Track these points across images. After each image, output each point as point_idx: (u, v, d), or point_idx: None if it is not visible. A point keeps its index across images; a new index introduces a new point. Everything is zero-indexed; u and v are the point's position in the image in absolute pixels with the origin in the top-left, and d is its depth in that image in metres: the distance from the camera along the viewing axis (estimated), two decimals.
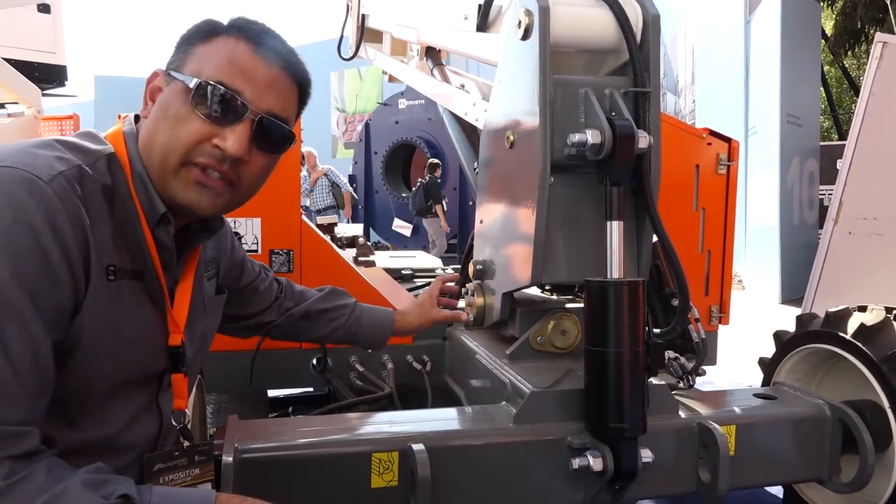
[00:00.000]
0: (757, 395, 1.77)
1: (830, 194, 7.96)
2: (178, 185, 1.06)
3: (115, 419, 1.05)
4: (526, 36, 1.55)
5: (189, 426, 1.20)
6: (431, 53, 2.76)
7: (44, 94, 6.15)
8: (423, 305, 1.86)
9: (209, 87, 1.02)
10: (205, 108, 1.03)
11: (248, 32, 1.07)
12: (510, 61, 1.67)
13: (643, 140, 1.44)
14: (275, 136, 1.10)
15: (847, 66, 15.88)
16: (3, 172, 0.89)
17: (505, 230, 1.75)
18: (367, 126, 9.38)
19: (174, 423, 1.17)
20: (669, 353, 1.65)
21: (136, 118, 1.12)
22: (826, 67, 13.28)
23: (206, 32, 1.07)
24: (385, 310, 1.82)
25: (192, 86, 1.02)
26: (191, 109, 1.03)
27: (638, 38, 1.56)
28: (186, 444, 1.19)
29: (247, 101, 1.05)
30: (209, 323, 1.32)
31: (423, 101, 8.46)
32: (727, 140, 2.54)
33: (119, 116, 1.15)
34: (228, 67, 1.04)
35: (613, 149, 1.42)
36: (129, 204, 1.04)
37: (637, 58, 1.53)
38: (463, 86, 2.45)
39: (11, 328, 0.86)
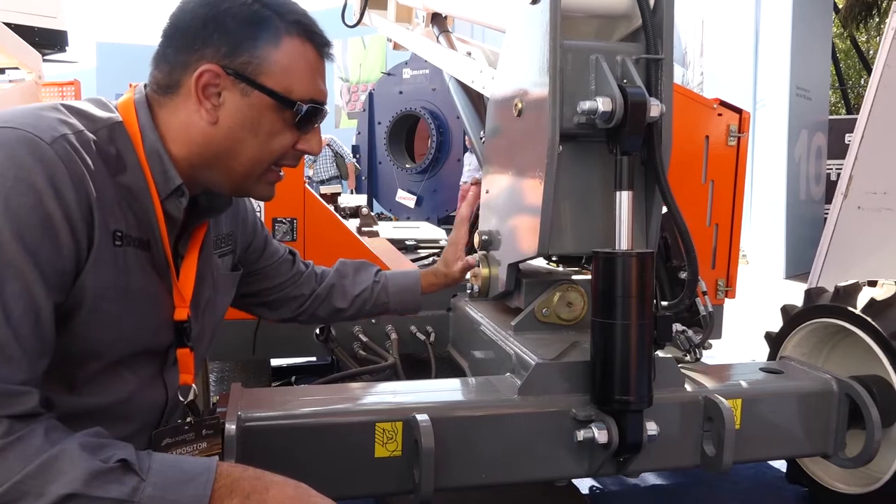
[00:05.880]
0: (763, 370, 1.76)
1: (838, 169, 7.90)
2: (258, 188, 1.13)
3: (116, 389, 1.04)
4: (536, 0, 1.51)
5: (196, 401, 1.19)
6: (437, 20, 2.71)
7: (44, 60, 6.08)
8: (444, 263, 1.74)
9: (313, 109, 1.07)
10: (303, 125, 1.09)
11: (308, 32, 1.07)
12: (519, 26, 1.63)
13: (655, 108, 1.41)
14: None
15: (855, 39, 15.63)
16: (5, 133, 0.89)
17: (511, 200, 1.72)
18: (370, 96, 9.28)
19: (180, 397, 1.16)
20: (677, 326, 1.63)
21: (147, 87, 1.10)
22: (834, 40, 13.08)
23: (269, 34, 1.03)
24: (410, 272, 1.73)
25: (298, 111, 1.06)
26: (286, 126, 1.07)
27: (651, 2, 1.52)
28: (193, 418, 1.19)
29: (324, 104, 1.11)
30: (220, 300, 1.30)
31: (427, 71, 8.34)
32: (738, 111, 2.49)
33: (130, 85, 1.13)
34: (313, 81, 1.08)
35: (624, 117, 1.39)
36: (137, 173, 1.03)
37: (650, 23, 1.49)
38: (469, 53, 2.40)
39: (13, 289, 0.85)
